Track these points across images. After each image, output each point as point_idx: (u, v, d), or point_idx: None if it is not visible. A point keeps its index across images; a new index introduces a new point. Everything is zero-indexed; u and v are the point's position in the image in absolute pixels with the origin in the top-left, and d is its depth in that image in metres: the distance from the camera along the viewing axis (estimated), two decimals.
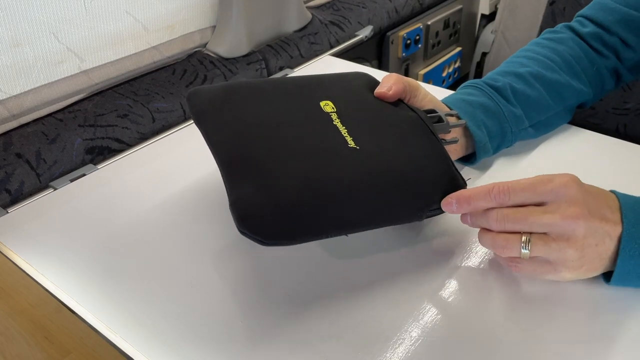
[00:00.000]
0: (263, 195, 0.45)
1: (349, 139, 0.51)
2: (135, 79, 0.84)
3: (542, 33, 0.73)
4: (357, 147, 0.51)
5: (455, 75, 1.57)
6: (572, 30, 0.71)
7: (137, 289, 0.51)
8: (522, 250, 0.44)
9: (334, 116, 0.54)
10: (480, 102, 0.63)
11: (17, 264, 0.54)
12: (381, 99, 0.58)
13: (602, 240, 0.44)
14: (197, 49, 0.93)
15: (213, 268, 0.53)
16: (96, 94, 0.79)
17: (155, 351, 0.45)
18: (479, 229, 0.49)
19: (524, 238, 0.44)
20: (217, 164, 0.50)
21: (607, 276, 0.47)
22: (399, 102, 0.59)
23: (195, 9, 0.90)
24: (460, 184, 0.52)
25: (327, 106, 0.55)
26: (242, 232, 0.44)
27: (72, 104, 0.77)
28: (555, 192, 0.44)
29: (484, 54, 1.66)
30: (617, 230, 0.44)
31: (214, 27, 0.94)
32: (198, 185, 0.64)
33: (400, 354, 0.44)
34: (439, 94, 0.66)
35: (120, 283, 0.51)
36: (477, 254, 0.53)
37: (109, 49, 0.80)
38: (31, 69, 0.72)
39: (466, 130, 0.61)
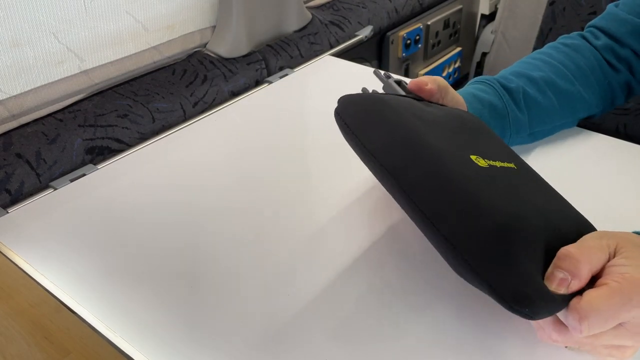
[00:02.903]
0: None
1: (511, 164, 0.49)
2: (135, 79, 0.84)
3: (558, 38, 0.72)
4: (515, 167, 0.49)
5: (455, 76, 1.57)
6: (586, 40, 0.70)
7: (137, 289, 0.51)
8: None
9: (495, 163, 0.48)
10: (490, 101, 0.62)
11: (17, 264, 0.54)
12: (416, 91, 0.56)
13: None
14: (197, 49, 0.93)
15: (213, 268, 0.53)
16: (96, 94, 0.79)
17: (155, 351, 0.45)
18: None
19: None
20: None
21: None
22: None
23: (195, 9, 0.90)
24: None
25: (479, 160, 0.47)
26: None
27: (72, 104, 0.77)
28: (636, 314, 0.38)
29: (484, 54, 1.66)
30: None
31: (214, 27, 0.94)
32: (198, 185, 0.64)
33: (401, 354, 0.44)
34: None
35: (121, 283, 0.51)
36: None
37: (109, 49, 0.80)
38: (31, 69, 0.72)
39: None
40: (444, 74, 1.50)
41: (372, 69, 0.61)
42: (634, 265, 0.39)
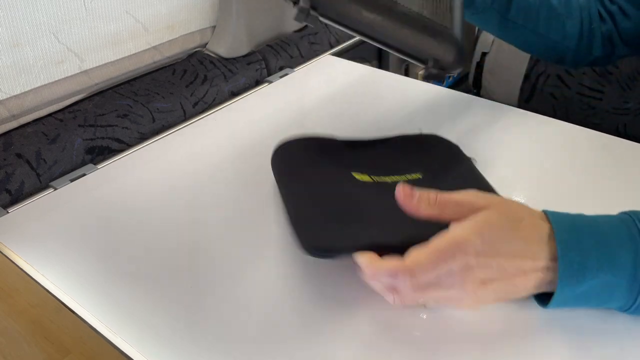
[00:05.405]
0: None
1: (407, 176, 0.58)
2: (135, 79, 0.84)
3: None
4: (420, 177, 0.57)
5: (455, 75, 1.57)
6: None
7: (137, 289, 0.51)
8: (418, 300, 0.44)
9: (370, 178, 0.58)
10: None
11: (17, 264, 0.54)
12: None
13: (505, 292, 0.43)
14: (197, 49, 0.93)
15: (213, 268, 0.53)
16: (96, 94, 0.79)
17: (155, 351, 0.45)
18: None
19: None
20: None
21: (540, 299, 0.45)
22: None
23: (196, 9, 0.90)
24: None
25: (362, 176, 0.58)
26: None
27: (72, 104, 0.77)
28: (454, 267, 0.41)
29: (484, 54, 1.66)
30: (534, 276, 0.42)
31: (214, 27, 0.94)
32: (198, 186, 0.64)
33: (400, 355, 0.44)
34: (439, 93, 0.66)
35: (121, 283, 0.51)
36: None
37: (109, 49, 0.80)
38: (31, 69, 0.72)
39: None
40: None
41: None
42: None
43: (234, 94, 0.90)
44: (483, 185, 0.56)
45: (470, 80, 1.24)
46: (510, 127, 0.73)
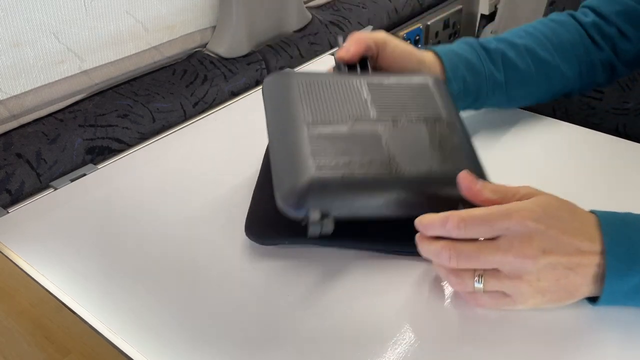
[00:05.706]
0: None
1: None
2: (135, 79, 0.84)
3: (549, 15, 0.74)
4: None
5: None
6: (575, 18, 0.72)
7: (137, 289, 0.51)
8: (476, 285, 0.44)
9: None
10: (467, 57, 0.64)
11: (18, 264, 0.54)
12: (345, 63, 0.62)
13: (565, 275, 0.42)
14: (197, 49, 0.93)
15: (213, 268, 0.53)
16: (96, 94, 0.80)
17: (155, 351, 0.45)
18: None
19: (476, 275, 0.44)
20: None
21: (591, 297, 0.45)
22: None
23: (196, 9, 0.90)
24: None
25: None
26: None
27: (72, 104, 0.77)
28: (512, 228, 0.42)
29: None
30: (592, 259, 0.42)
31: (214, 27, 0.94)
32: (198, 186, 0.64)
33: (399, 355, 0.44)
34: None
35: (121, 283, 0.51)
36: None
37: (109, 49, 0.80)
38: (31, 69, 0.72)
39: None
40: None
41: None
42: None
43: (234, 94, 0.90)
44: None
45: None
46: (510, 127, 0.73)
